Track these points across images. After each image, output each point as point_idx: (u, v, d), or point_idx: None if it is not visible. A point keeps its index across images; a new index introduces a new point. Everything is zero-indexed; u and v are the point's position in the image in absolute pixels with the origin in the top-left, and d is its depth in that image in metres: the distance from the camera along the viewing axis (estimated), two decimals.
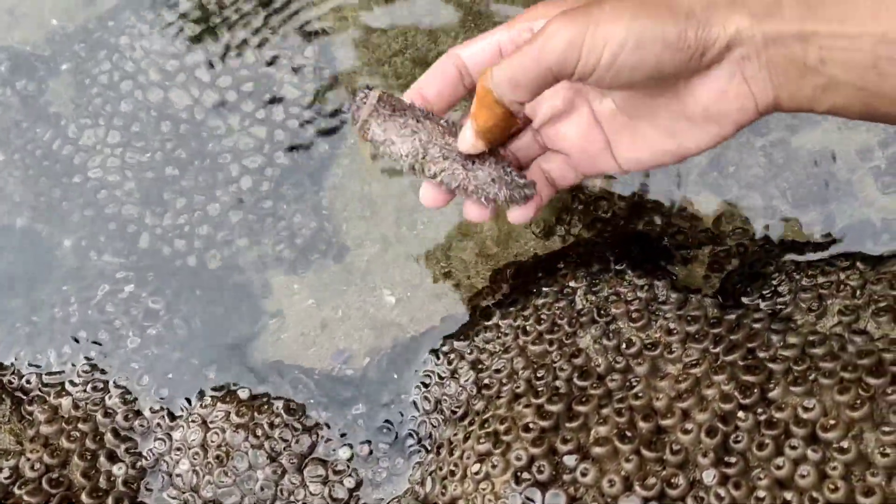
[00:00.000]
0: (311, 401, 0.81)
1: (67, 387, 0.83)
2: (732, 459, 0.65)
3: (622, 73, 0.57)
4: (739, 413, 0.66)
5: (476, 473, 0.70)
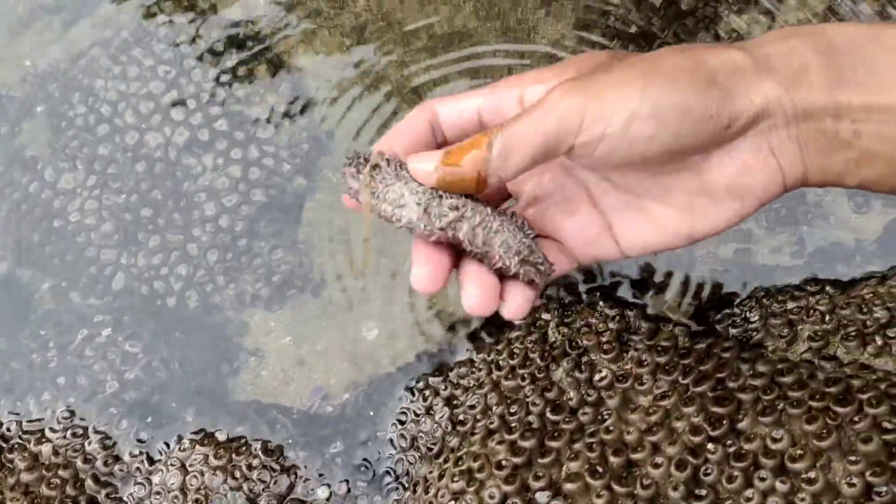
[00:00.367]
0: (290, 440, 0.81)
1: (47, 433, 0.83)
2: (703, 492, 0.65)
3: (636, 147, 0.50)
4: (709, 445, 0.66)
5: None
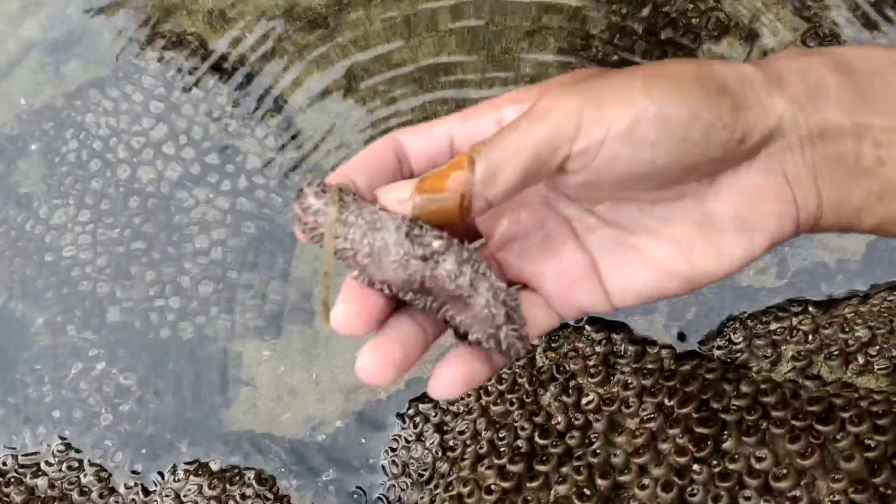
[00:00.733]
0: (283, 469, 0.82)
1: (43, 467, 0.84)
2: None
3: (641, 154, 0.43)
4: (694, 466, 0.67)
5: None
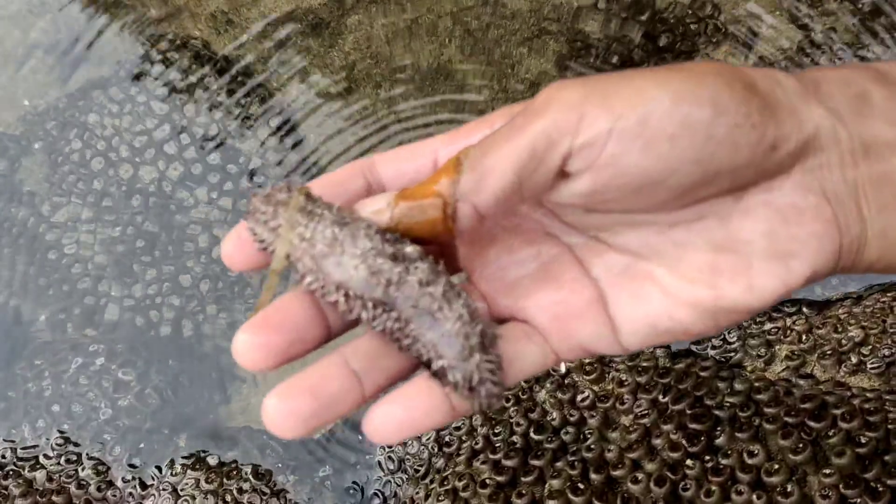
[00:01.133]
0: (280, 465, 0.83)
1: (42, 460, 0.85)
2: None
3: (656, 149, 0.36)
4: (687, 461, 0.68)
5: None
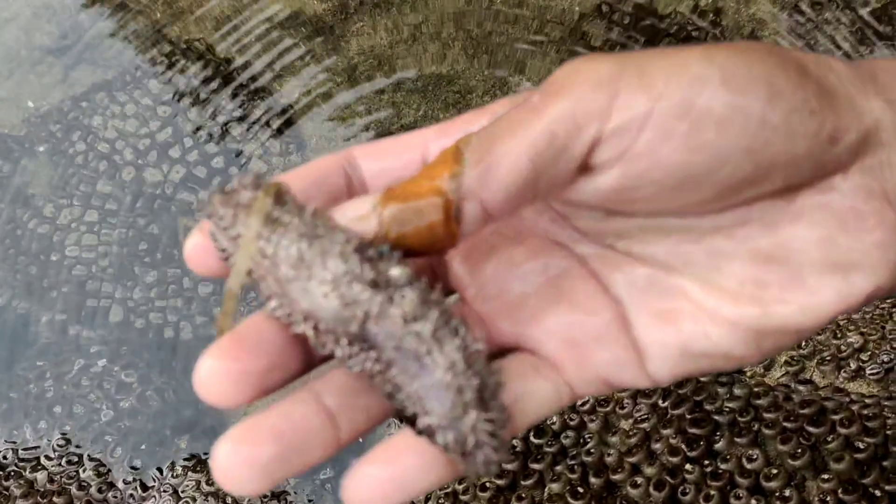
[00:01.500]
0: None
1: (43, 461, 0.85)
2: None
3: (701, 135, 0.29)
4: (687, 466, 0.68)
5: None
